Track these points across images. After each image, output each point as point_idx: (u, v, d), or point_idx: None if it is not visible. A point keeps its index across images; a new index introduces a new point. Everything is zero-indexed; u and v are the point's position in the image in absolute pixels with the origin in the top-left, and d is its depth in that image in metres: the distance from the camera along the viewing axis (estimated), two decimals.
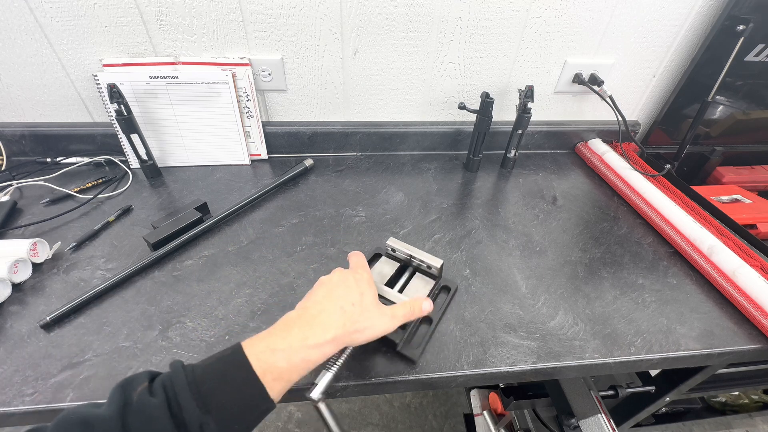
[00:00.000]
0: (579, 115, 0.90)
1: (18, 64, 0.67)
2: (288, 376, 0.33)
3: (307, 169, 0.79)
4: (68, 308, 0.49)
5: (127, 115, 0.67)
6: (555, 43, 0.76)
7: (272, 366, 0.32)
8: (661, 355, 0.50)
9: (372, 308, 0.38)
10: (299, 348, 0.34)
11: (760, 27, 0.71)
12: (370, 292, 0.40)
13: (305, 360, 0.34)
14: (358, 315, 0.37)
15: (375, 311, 0.39)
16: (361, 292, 0.39)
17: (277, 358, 0.33)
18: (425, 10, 0.69)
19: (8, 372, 0.44)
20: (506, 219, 0.70)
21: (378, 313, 0.39)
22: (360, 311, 0.38)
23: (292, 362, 0.33)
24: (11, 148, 0.76)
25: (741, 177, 0.89)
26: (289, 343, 0.34)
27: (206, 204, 0.66)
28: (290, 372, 0.33)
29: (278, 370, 0.32)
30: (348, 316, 0.37)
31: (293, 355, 0.33)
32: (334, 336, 0.35)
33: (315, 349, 0.34)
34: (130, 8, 0.64)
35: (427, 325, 0.50)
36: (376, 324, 0.38)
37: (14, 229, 0.62)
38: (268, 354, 0.33)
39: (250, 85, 0.73)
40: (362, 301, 0.38)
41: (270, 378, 0.32)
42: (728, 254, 0.59)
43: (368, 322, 0.38)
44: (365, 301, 0.38)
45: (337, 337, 0.36)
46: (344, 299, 0.38)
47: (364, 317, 0.37)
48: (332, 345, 0.36)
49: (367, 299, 0.39)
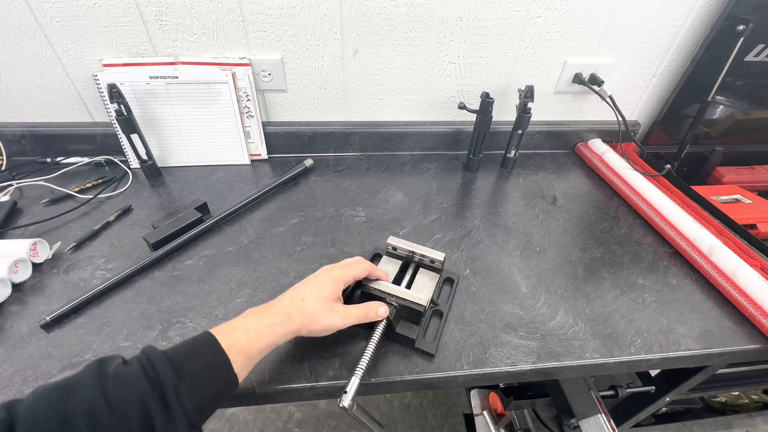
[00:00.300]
0: (579, 115, 0.90)
1: (18, 64, 0.67)
2: (248, 349, 0.37)
3: (307, 169, 0.79)
4: (68, 308, 0.49)
5: (127, 115, 0.67)
6: (555, 43, 0.76)
7: (235, 341, 0.37)
8: (661, 355, 0.50)
9: (322, 303, 0.42)
10: (254, 325, 0.39)
11: (760, 27, 0.71)
12: (329, 288, 0.43)
13: (260, 336, 0.38)
14: (306, 306, 0.41)
15: (325, 306, 0.42)
16: (318, 287, 0.43)
17: (238, 334, 0.37)
18: (425, 10, 0.69)
19: (8, 372, 0.44)
20: (506, 219, 0.70)
21: (327, 308, 0.42)
22: (310, 304, 0.41)
23: (249, 337, 0.38)
24: (11, 148, 0.76)
25: (741, 177, 0.89)
26: (247, 322, 0.39)
27: (206, 204, 0.66)
28: (249, 346, 0.37)
29: (240, 344, 0.37)
30: (296, 305, 0.41)
31: (250, 331, 0.38)
32: (282, 320, 0.40)
33: (268, 328, 0.39)
34: (130, 8, 0.64)
35: (438, 318, 0.51)
36: (322, 318, 0.41)
37: (14, 229, 0.61)
38: (232, 331, 0.38)
39: (250, 85, 0.73)
40: (316, 295, 0.42)
41: (234, 351, 0.36)
42: (728, 254, 0.59)
43: (315, 314, 0.41)
44: (319, 295, 0.42)
45: (285, 322, 0.40)
46: (299, 292, 0.43)
47: (311, 309, 0.41)
48: (282, 327, 0.39)
49: (322, 293, 0.42)
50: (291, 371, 0.45)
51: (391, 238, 0.55)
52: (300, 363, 0.46)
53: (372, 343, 0.43)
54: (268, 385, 0.44)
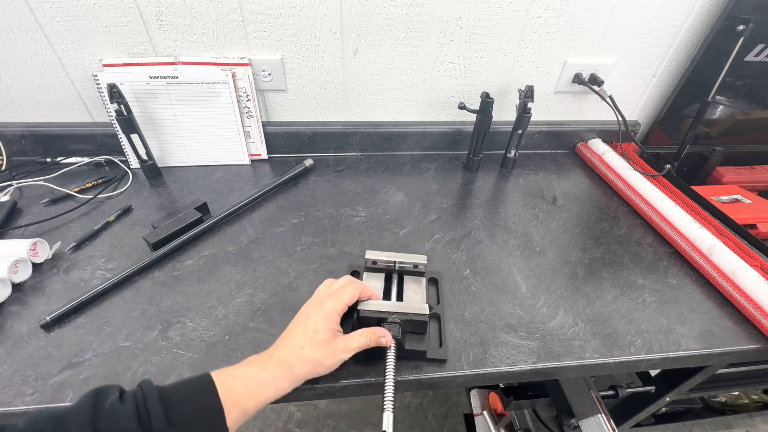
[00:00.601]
0: (579, 115, 0.90)
1: (18, 64, 0.67)
2: (245, 402, 0.35)
3: (307, 169, 0.79)
4: (68, 308, 0.49)
5: (127, 115, 0.67)
6: (555, 43, 0.76)
7: (232, 391, 0.35)
8: (661, 355, 0.50)
9: (323, 346, 0.40)
10: (255, 376, 0.37)
11: (760, 27, 0.71)
12: (324, 327, 0.41)
13: (259, 389, 0.36)
14: (307, 354, 0.39)
15: (326, 348, 0.40)
16: (314, 330, 0.41)
17: (236, 383, 0.36)
18: (425, 10, 0.69)
19: (8, 372, 0.44)
20: (506, 219, 0.70)
21: (330, 349, 0.40)
22: (310, 351, 0.39)
23: (248, 388, 0.36)
24: (11, 148, 0.76)
25: (741, 177, 0.89)
26: (248, 371, 0.37)
27: (206, 204, 0.66)
28: (247, 398, 0.35)
29: (236, 396, 0.35)
30: (297, 355, 0.39)
31: (250, 382, 0.36)
32: (284, 373, 0.38)
33: (269, 380, 0.37)
34: (130, 8, 0.64)
35: (436, 321, 0.51)
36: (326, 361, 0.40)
37: (14, 229, 0.61)
38: (230, 380, 0.36)
39: (250, 85, 0.73)
40: (313, 339, 0.40)
41: (230, 402, 0.34)
42: (728, 254, 0.59)
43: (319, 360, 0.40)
44: (316, 338, 0.40)
45: (287, 374, 0.38)
46: (297, 338, 0.40)
47: (314, 356, 0.39)
48: (284, 380, 0.38)
49: (319, 336, 0.40)
50: None
51: (369, 252, 0.52)
52: None
53: (390, 372, 0.41)
54: None
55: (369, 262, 0.52)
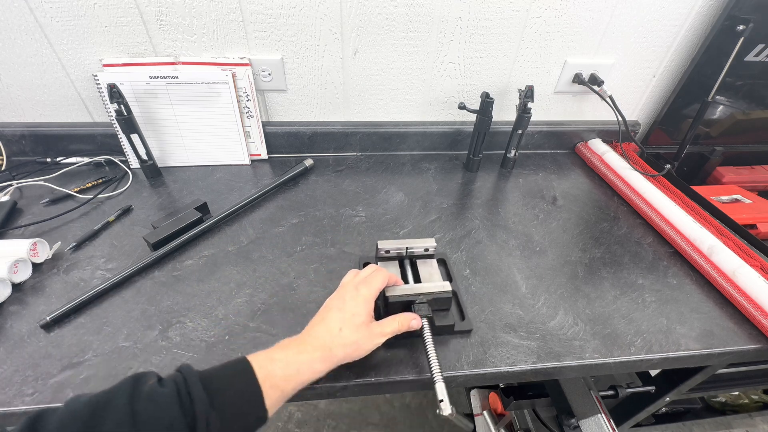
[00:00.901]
0: (579, 115, 0.90)
1: (18, 64, 0.67)
2: (283, 385, 0.35)
3: (307, 169, 0.79)
4: (68, 308, 0.49)
5: (127, 115, 0.67)
6: (555, 43, 0.76)
7: (271, 373, 0.35)
8: (661, 355, 0.50)
9: (361, 329, 0.40)
10: (293, 360, 0.37)
11: (760, 27, 0.71)
12: (363, 311, 0.41)
13: (298, 372, 0.37)
14: (346, 337, 0.39)
15: (364, 332, 0.41)
16: (353, 313, 0.41)
17: (275, 366, 0.36)
18: (425, 10, 0.69)
19: (8, 372, 0.44)
20: (506, 219, 0.70)
21: (367, 333, 0.41)
22: (349, 334, 0.40)
23: (287, 372, 0.36)
24: (11, 148, 0.76)
25: (741, 177, 0.89)
26: (286, 354, 0.37)
27: (206, 204, 0.66)
28: (285, 381, 0.36)
29: (275, 378, 0.35)
30: (335, 338, 0.39)
31: (289, 365, 0.36)
32: (322, 355, 0.38)
33: (306, 363, 0.37)
34: (130, 8, 0.64)
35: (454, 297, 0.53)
36: (364, 344, 0.40)
37: (14, 229, 0.61)
38: (268, 362, 0.36)
39: (250, 85, 0.73)
40: (352, 322, 0.40)
41: (268, 385, 0.34)
42: (728, 254, 0.59)
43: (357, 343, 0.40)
44: (355, 321, 0.40)
45: (325, 357, 0.38)
46: (334, 321, 0.40)
47: (353, 339, 0.40)
48: (321, 363, 0.38)
49: (357, 319, 0.41)
50: None
51: (381, 242, 0.53)
52: None
53: (430, 346, 0.43)
54: None
55: (382, 252, 0.54)
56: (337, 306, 0.42)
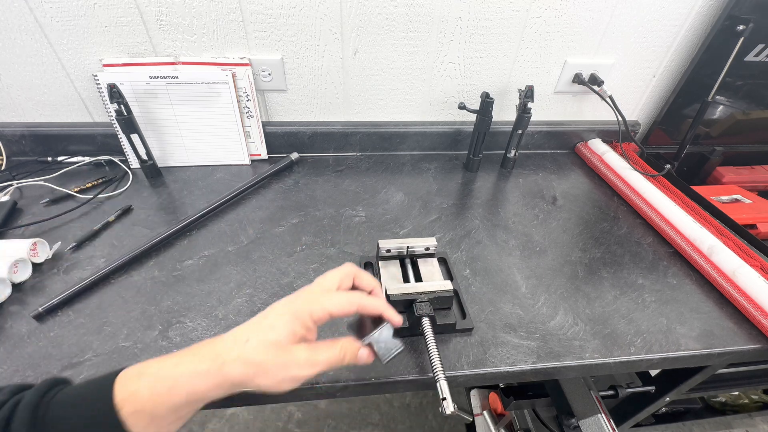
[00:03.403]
0: (579, 115, 0.90)
1: (18, 64, 0.67)
2: (151, 408, 0.27)
3: (293, 162, 0.80)
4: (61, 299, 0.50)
5: (127, 115, 0.67)
6: (555, 43, 0.76)
7: (133, 394, 0.27)
8: (661, 355, 0.50)
9: (271, 349, 0.30)
10: (168, 374, 0.29)
11: (760, 27, 0.71)
12: (283, 327, 0.31)
13: (171, 390, 0.28)
14: (248, 352, 0.30)
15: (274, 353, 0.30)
16: (271, 324, 0.31)
17: (141, 384, 0.28)
18: (425, 10, 0.69)
19: (8, 372, 0.44)
20: (506, 219, 0.70)
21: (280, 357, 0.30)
22: (253, 350, 0.30)
23: (155, 391, 0.28)
24: (11, 148, 0.76)
25: (741, 177, 0.89)
26: (160, 367, 0.29)
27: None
28: (153, 404, 0.27)
29: (139, 401, 0.27)
30: (236, 349, 0.30)
31: (159, 381, 0.28)
32: (208, 369, 0.29)
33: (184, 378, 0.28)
34: (130, 8, 0.64)
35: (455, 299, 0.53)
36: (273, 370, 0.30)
37: (14, 229, 0.61)
38: (135, 380, 0.28)
39: (250, 85, 0.73)
40: (264, 337, 0.31)
41: (130, 409, 0.27)
42: (728, 254, 0.59)
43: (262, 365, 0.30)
44: (268, 337, 0.31)
45: (211, 372, 0.29)
46: (247, 329, 0.32)
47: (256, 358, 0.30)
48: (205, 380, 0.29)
49: (271, 334, 0.31)
50: None
51: (383, 242, 0.54)
52: None
53: (432, 344, 0.42)
54: None
55: (383, 251, 0.54)
56: (263, 313, 0.33)
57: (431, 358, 0.41)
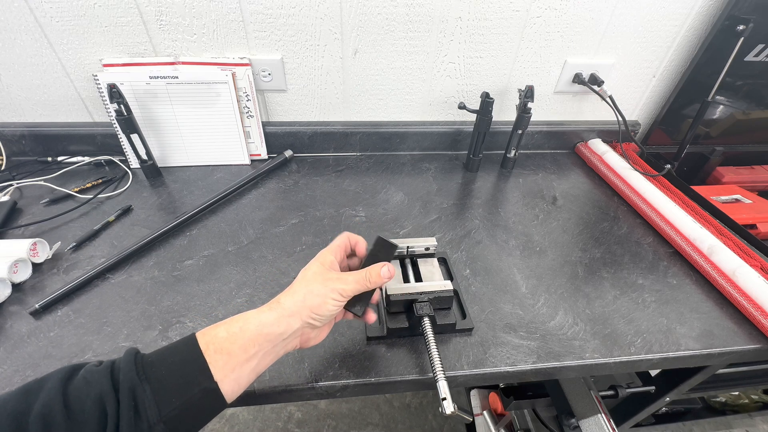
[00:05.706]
0: (579, 115, 0.90)
1: (18, 64, 0.67)
2: (228, 346, 0.33)
3: (287, 159, 0.80)
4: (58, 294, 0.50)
5: (127, 115, 0.67)
6: (555, 43, 0.76)
7: (213, 337, 0.33)
8: (661, 355, 0.50)
9: (314, 278, 0.38)
10: (238, 318, 0.35)
11: (760, 27, 0.71)
12: (315, 263, 0.39)
13: (243, 329, 0.34)
14: (297, 287, 0.37)
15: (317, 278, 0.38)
16: (305, 268, 0.39)
17: (218, 330, 0.34)
18: (425, 10, 0.69)
19: (8, 372, 0.44)
20: (506, 219, 0.70)
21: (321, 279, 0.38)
22: (299, 283, 0.38)
23: (230, 330, 0.33)
24: (11, 148, 0.76)
25: (741, 177, 0.89)
26: (232, 316, 0.35)
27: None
28: (230, 342, 0.33)
29: (218, 341, 0.33)
30: (287, 292, 0.37)
31: (232, 324, 0.34)
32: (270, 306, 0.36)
33: (252, 315, 0.35)
34: (130, 8, 0.64)
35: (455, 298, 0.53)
36: (318, 289, 0.37)
37: (14, 229, 0.61)
38: (211, 329, 0.34)
39: (250, 85, 0.73)
40: (303, 275, 0.38)
41: (212, 350, 0.32)
42: (728, 254, 0.59)
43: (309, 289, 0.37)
44: (306, 274, 0.38)
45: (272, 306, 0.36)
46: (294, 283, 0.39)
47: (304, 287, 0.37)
48: (268, 312, 0.35)
49: (308, 271, 0.38)
50: (291, 371, 0.45)
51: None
52: (300, 363, 0.46)
53: (432, 344, 0.42)
54: (268, 385, 0.44)
55: None
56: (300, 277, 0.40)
57: (431, 358, 0.41)
